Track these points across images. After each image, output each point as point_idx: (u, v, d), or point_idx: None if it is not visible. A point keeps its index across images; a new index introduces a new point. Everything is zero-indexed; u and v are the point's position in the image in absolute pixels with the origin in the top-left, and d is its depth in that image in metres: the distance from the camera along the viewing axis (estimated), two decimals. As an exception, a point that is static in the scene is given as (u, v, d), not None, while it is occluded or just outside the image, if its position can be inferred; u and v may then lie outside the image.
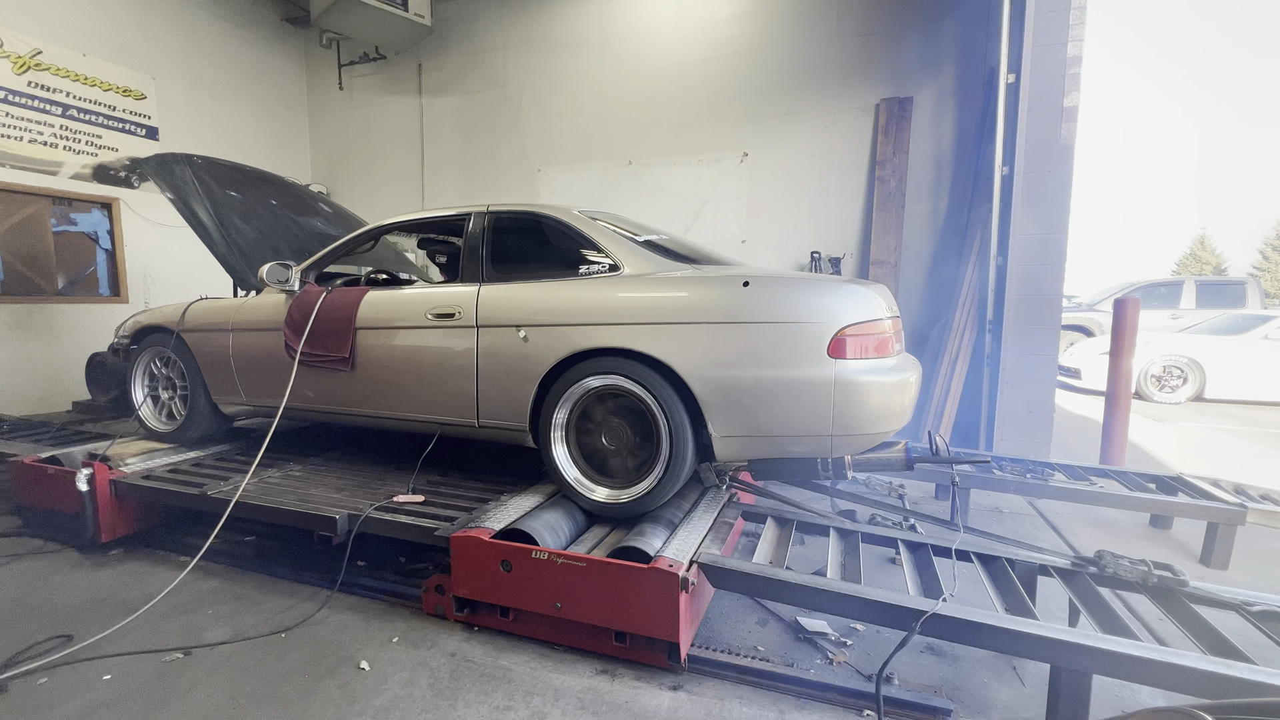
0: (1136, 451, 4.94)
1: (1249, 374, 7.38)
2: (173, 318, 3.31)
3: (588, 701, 1.88)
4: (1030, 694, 1.93)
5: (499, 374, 2.54)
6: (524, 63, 6.64)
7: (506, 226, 2.75)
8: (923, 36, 5.36)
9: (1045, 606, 2.25)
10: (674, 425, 2.23)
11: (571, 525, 2.37)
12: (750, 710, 1.85)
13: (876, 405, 2.15)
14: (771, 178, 5.88)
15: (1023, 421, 4.34)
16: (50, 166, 5.22)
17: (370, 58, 7.14)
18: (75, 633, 2.22)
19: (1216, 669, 1.47)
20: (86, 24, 5.42)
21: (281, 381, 2.95)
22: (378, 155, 7.37)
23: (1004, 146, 4.24)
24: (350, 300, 2.85)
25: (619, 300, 2.34)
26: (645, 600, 1.95)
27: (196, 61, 6.35)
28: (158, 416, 3.46)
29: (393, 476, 2.96)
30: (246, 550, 2.99)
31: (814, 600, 1.91)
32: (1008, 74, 4.20)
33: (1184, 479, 3.12)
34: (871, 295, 2.24)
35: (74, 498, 2.86)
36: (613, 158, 6.38)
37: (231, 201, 3.49)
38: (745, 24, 5.85)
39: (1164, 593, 1.92)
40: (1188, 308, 9.76)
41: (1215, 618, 1.78)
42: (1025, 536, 3.11)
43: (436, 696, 1.90)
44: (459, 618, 2.30)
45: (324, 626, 2.29)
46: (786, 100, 5.77)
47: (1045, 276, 4.25)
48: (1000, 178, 4.25)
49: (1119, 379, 3.92)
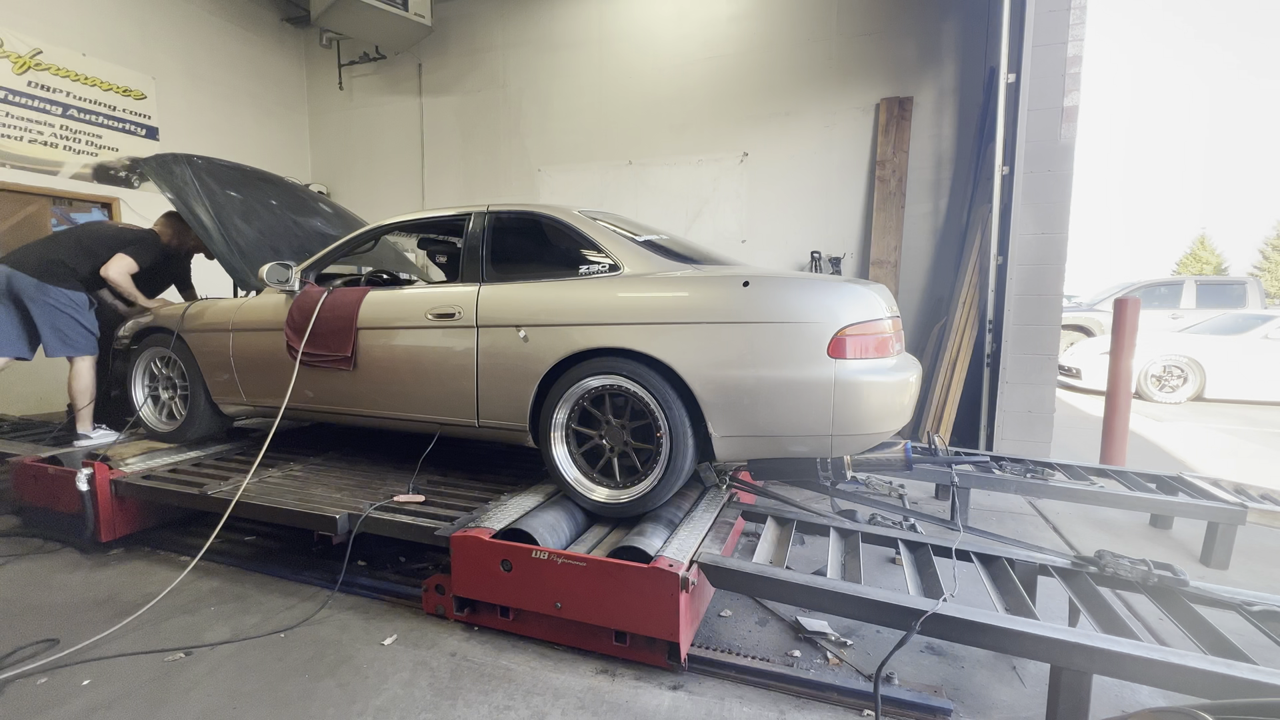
0: (1137, 451, 4.94)
1: (1249, 374, 7.38)
2: (173, 318, 3.32)
3: (588, 701, 1.88)
4: (1030, 694, 1.93)
5: (499, 374, 2.54)
6: (524, 63, 6.64)
7: (506, 226, 2.75)
8: (923, 36, 5.36)
9: (1045, 606, 2.25)
10: (674, 425, 2.23)
11: (571, 525, 2.37)
12: (750, 710, 1.85)
13: (876, 405, 2.15)
14: (771, 178, 5.88)
15: (1023, 421, 4.34)
16: (50, 166, 5.22)
17: (370, 58, 7.14)
18: (75, 633, 2.22)
19: (1216, 669, 1.47)
20: (86, 24, 5.42)
21: (282, 381, 2.95)
22: (378, 155, 7.38)
23: (1004, 146, 4.24)
24: (351, 300, 2.85)
25: (619, 300, 2.34)
26: (645, 600, 1.95)
27: (196, 61, 6.36)
28: (158, 416, 3.46)
29: (393, 476, 2.96)
30: (246, 550, 2.99)
31: (814, 600, 1.91)
32: (1008, 74, 4.20)
33: (1184, 479, 3.12)
34: (871, 295, 2.24)
35: (74, 497, 2.86)
36: (613, 158, 6.38)
37: (231, 201, 3.48)
38: (745, 24, 5.85)
39: (1164, 592, 1.92)
40: (1188, 307, 9.75)
41: (1215, 618, 1.77)
42: (1025, 536, 3.11)
43: (437, 696, 1.90)
44: (459, 617, 2.30)
45: (324, 626, 2.29)
46: (786, 100, 5.77)
47: (1045, 276, 4.25)
48: (1000, 177, 4.24)
49: (1119, 379, 3.92)
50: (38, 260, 3.25)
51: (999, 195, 4.27)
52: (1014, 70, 4.19)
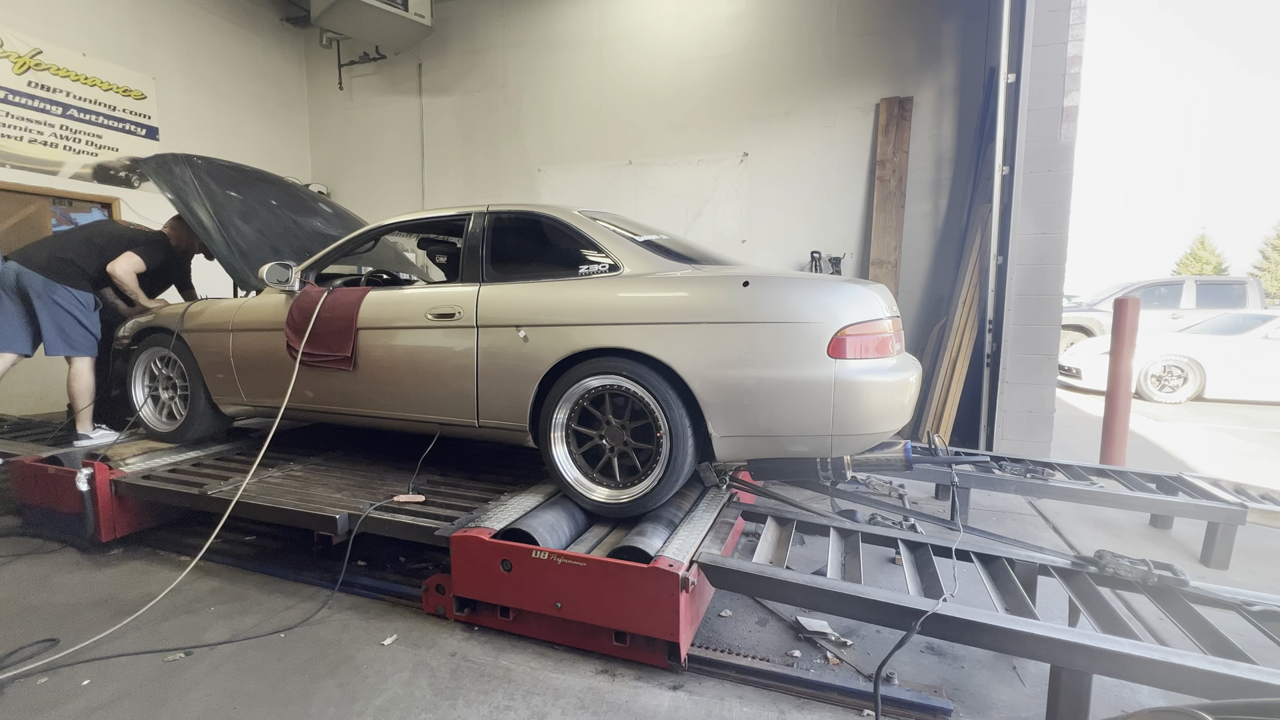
0: (1137, 451, 4.94)
1: (1249, 374, 7.38)
2: (173, 318, 3.32)
3: (588, 701, 1.88)
4: (1030, 694, 1.93)
5: (499, 374, 2.54)
6: (524, 63, 6.64)
7: (506, 226, 2.75)
8: (923, 36, 5.36)
9: (1045, 606, 2.25)
10: (674, 425, 2.23)
11: (571, 525, 2.37)
12: (750, 710, 1.85)
13: (876, 405, 2.14)
14: (771, 178, 5.88)
15: (1023, 421, 4.34)
16: (50, 166, 5.22)
17: (370, 58, 7.14)
18: (75, 633, 2.22)
19: (1216, 669, 1.47)
20: (86, 24, 5.42)
21: (282, 382, 2.95)
22: (378, 155, 7.37)
23: (1004, 146, 4.24)
24: (351, 300, 2.85)
25: (619, 300, 2.34)
26: (645, 600, 1.95)
27: (196, 61, 6.36)
28: (158, 416, 3.46)
29: (393, 476, 2.96)
30: (246, 550, 2.99)
31: (814, 600, 1.91)
32: (1008, 74, 4.20)
33: (1184, 479, 3.12)
34: (871, 295, 2.24)
35: (74, 497, 2.86)
36: (613, 158, 6.38)
37: (231, 201, 3.48)
38: (745, 24, 5.85)
39: (1164, 592, 1.91)
40: (1188, 307, 9.75)
41: (1215, 617, 1.77)
42: (1025, 536, 3.11)
43: (437, 696, 1.90)
44: (459, 617, 2.30)
45: (324, 626, 2.29)
46: (786, 100, 5.77)
47: (1045, 276, 4.25)
48: (1000, 177, 4.24)
49: (1119, 379, 3.92)
50: (47, 258, 3.26)
51: (999, 195, 4.27)
52: (1014, 70, 4.19)
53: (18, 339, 3.32)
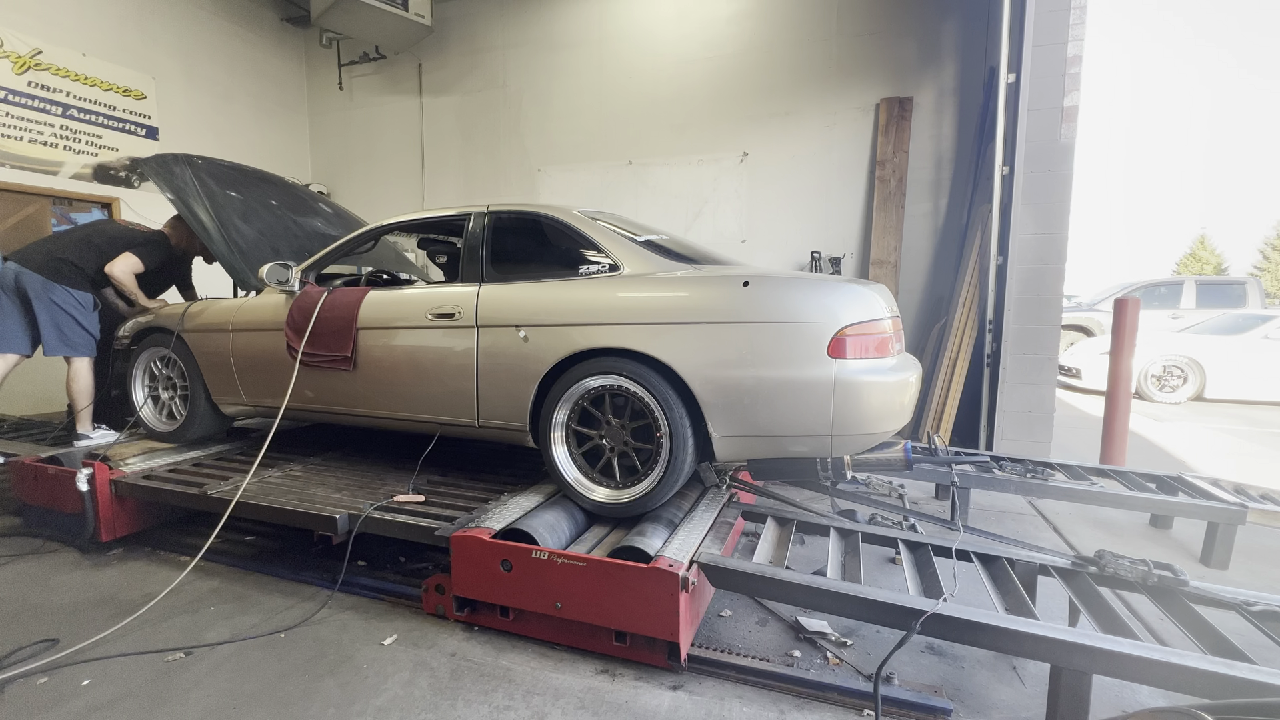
0: (1137, 451, 4.94)
1: (1249, 374, 7.38)
2: (173, 318, 3.32)
3: (588, 701, 1.88)
4: (1030, 694, 1.93)
5: (499, 374, 2.54)
6: (524, 63, 6.64)
7: (506, 226, 2.75)
8: (923, 36, 5.36)
9: (1045, 606, 2.25)
10: (674, 425, 2.23)
11: (571, 525, 2.37)
12: (750, 710, 1.85)
13: (876, 405, 2.15)
14: (771, 178, 5.88)
15: (1023, 421, 4.34)
16: (50, 166, 5.22)
17: (370, 58, 7.14)
18: (75, 633, 2.22)
19: (1216, 669, 1.47)
20: (86, 24, 5.42)
21: (282, 382, 2.95)
22: (378, 155, 7.38)
23: (1004, 146, 4.24)
24: (351, 300, 2.85)
25: (619, 300, 2.34)
26: (645, 600, 1.95)
27: (196, 61, 6.36)
28: (158, 416, 3.46)
29: (393, 476, 2.96)
30: (246, 550, 2.99)
31: (814, 600, 1.91)
32: (1008, 74, 4.20)
33: (1184, 479, 3.12)
34: (871, 295, 2.24)
35: (74, 497, 2.86)
36: (613, 158, 6.38)
37: (231, 201, 3.48)
38: (745, 24, 5.85)
39: (1164, 592, 1.91)
40: (1188, 307, 9.75)
41: (1215, 617, 1.77)
42: (1025, 536, 3.11)
43: (436, 696, 1.90)
44: (459, 617, 2.30)
45: (324, 626, 2.29)
46: (786, 100, 5.77)
47: (1045, 276, 4.25)
48: (1000, 177, 4.24)
49: (1119, 379, 3.92)
50: (45, 258, 3.26)
51: (999, 195, 4.27)
52: (1014, 70, 4.19)
53: (17, 340, 3.32)
